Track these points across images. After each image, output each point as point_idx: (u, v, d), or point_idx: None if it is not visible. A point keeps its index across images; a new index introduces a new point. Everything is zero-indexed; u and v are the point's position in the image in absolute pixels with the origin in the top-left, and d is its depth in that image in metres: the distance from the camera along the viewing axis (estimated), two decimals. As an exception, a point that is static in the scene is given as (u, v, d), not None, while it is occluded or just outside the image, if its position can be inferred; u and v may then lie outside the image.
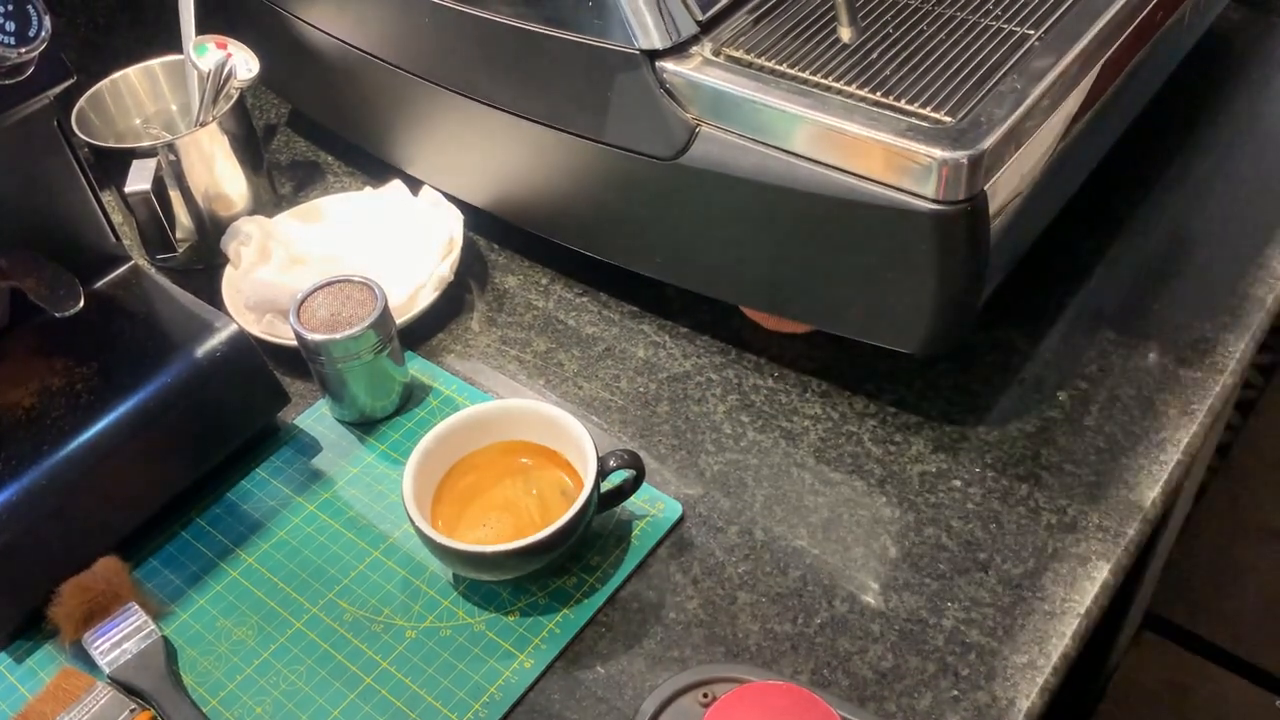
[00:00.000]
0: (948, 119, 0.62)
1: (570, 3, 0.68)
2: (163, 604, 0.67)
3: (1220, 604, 1.49)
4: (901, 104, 0.63)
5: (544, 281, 0.86)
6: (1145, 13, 0.71)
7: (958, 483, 0.69)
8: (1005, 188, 0.64)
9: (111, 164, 0.83)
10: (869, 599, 0.64)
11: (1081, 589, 0.63)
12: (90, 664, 0.63)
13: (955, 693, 0.59)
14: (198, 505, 0.72)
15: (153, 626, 0.64)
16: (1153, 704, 1.43)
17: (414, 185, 0.89)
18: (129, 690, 0.62)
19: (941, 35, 0.68)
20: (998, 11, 0.70)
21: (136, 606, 0.65)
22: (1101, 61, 0.68)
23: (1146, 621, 1.47)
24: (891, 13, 0.71)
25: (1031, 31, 0.68)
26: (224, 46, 0.87)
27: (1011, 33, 0.68)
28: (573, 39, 0.69)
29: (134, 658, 0.63)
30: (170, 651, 0.65)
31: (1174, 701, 1.43)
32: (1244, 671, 1.43)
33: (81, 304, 0.68)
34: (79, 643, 0.64)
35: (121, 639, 0.64)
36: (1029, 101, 0.63)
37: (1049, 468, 0.70)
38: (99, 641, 0.63)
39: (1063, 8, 0.70)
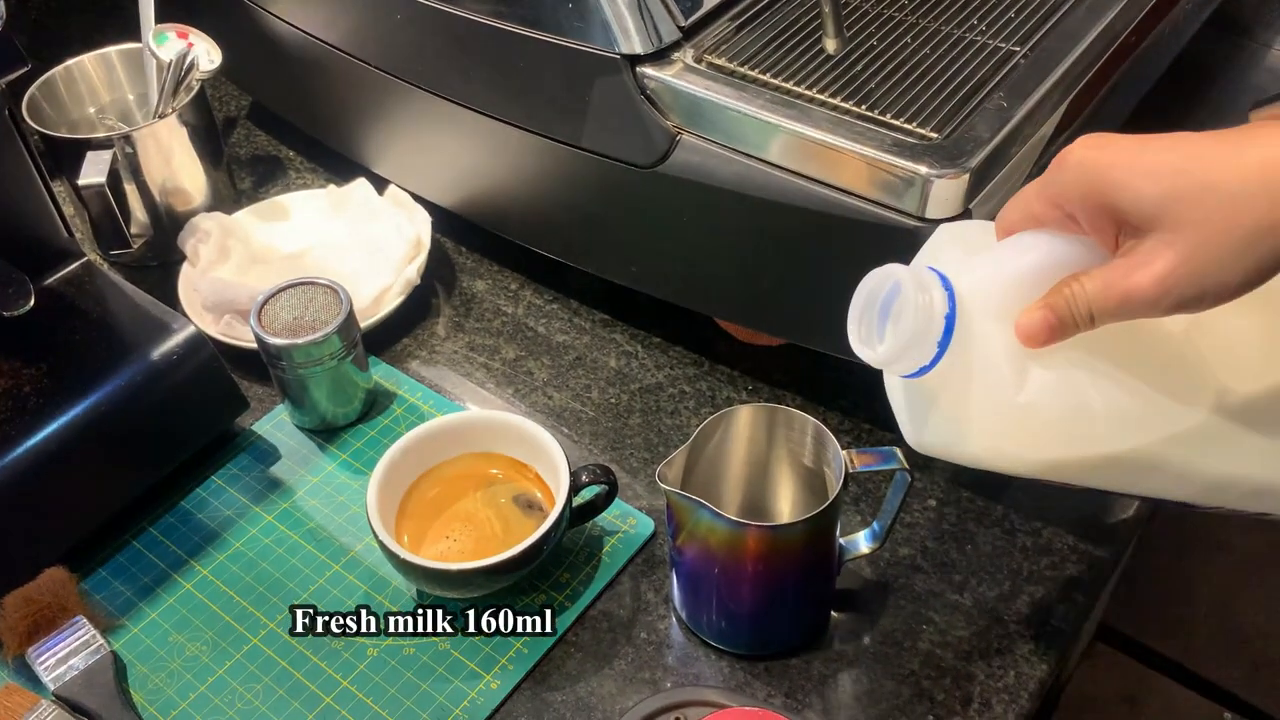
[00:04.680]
0: (934, 135, 0.61)
1: (550, 3, 0.66)
2: (112, 617, 0.65)
3: (1170, 616, 1.50)
4: (886, 118, 0.62)
5: (514, 287, 0.84)
6: (1126, 32, 0.71)
7: (933, 502, 0.69)
8: (989, 206, 0.63)
9: (64, 155, 0.79)
10: (843, 620, 0.63)
11: (1056, 612, 0.63)
12: (34, 680, 0.61)
13: (931, 718, 0.59)
14: (150, 514, 0.70)
15: (101, 641, 0.62)
16: (1104, 716, 1.44)
17: (379, 184, 0.87)
18: (75, 708, 0.60)
19: (926, 50, 0.68)
20: (982, 27, 0.69)
21: (84, 620, 0.62)
22: (1085, 79, 0.68)
23: (1099, 633, 1.49)
24: (876, 25, 0.70)
25: (1017, 48, 0.67)
26: (185, 36, 0.84)
27: (997, 49, 0.67)
28: (552, 41, 0.67)
29: (81, 674, 0.60)
30: (119, 668, 0.62)
31: (1125, 713, 1.44)
32: (1193, 684, 1.45)
33: (31, 303, 0.65)
34: (23, 657, 0.61)
35: (68, 654, 0.61)
36: (1015, 120, 0.62)
37: (1023, 487, 0.69)
38: (44, 656, 0.61)
39: (1047, 25, 0.69)
